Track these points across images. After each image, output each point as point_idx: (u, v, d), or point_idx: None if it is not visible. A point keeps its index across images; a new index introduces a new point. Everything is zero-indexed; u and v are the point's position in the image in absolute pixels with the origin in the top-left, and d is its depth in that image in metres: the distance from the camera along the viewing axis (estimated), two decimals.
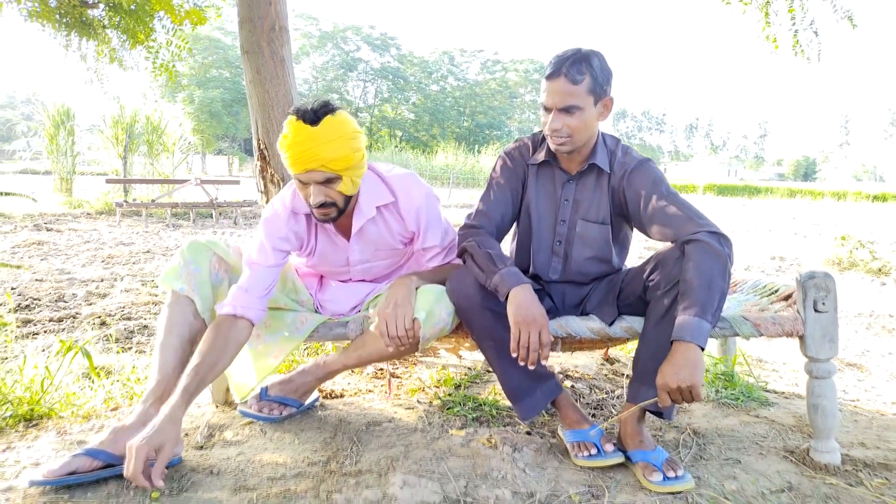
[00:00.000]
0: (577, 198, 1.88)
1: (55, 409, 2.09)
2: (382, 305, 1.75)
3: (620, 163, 1.83)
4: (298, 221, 1.86)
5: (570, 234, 1.89)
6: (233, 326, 1.68)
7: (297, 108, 1.65)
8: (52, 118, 14.18)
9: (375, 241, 1.91)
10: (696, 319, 1.49)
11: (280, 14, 3.15)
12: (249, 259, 1.79)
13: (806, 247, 8.73)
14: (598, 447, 1.72)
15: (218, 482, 1.54)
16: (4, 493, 1.44)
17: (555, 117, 1.71)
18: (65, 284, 5.56)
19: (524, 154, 1.93)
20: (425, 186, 1.90)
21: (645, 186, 1.76)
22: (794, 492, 1.58)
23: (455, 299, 1.76)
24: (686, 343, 1.48)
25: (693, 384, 1.44)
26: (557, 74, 1.68)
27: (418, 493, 1.50)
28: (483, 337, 1.75)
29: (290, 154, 1.64)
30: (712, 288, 1.53)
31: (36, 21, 3.65)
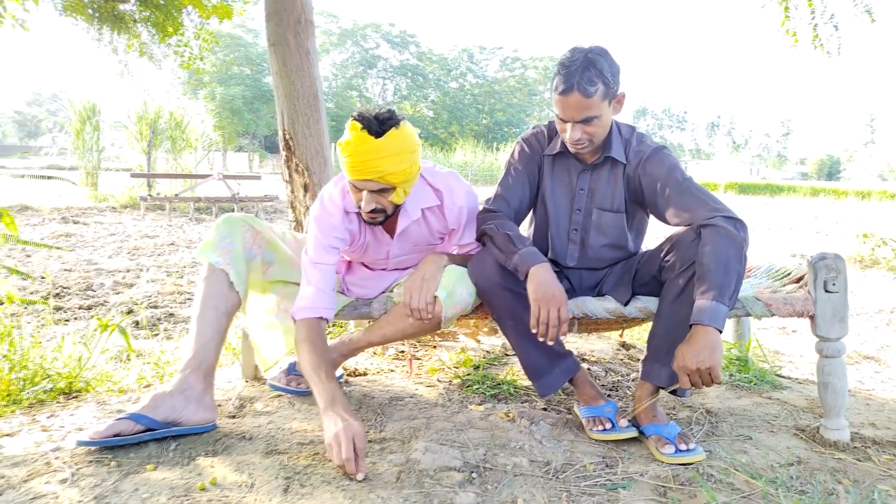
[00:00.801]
0: (593, 187, 1.93)
1: (92, 385, 2.20)
2: (410, 278, 1.82)
3: (636, 151, 1.87)
4: (351, 220, 1.91)
5: (585, 222, 1.95)
6: (320, 326, 1.78)
7: (361, 116, 1.67)
8: (79, 114, 14.45)
9: (416, 238, 1.97)
10: (714, 303, 1.53)
11: (306, 7, 3.24)
12: (313, 258, 1.83)
13: (827, 244, 8.67)
14: (613, 422, 1.78)
15: (250, 446, 1.63)
16: (54, 453, 1.54)
17: (573, 129, 1.74)
18: (92, 274, 5.72)
19: (541, 142, 1.98)
20: (466, 185, 1.95)
21: (660, 173, 1.80)
22: (803, 465, 1.63)
23: (475, 279, 1.82)
24: (705, 326, 1.52)
25: (712, 366, 1.49)
26: (570, 90, 1.68)
27: (440, 458, 1.57)
28: (503, 316, 1.82)
29: (350, 161, 1.67)
30: (729, 271, 1.57)
31: (70, 15, 3.78)
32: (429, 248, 2.05)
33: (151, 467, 1.48)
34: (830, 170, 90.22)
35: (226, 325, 1.84)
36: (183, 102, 15.81)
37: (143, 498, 1.33)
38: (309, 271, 1.83)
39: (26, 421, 1.80)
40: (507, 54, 61.92)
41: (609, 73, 1.71)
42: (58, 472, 1.44)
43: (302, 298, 1.80)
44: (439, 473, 1.50)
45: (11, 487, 1.37)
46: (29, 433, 1.70)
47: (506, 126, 55.69)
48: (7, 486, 1.37)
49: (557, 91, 1.72)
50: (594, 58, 1.70)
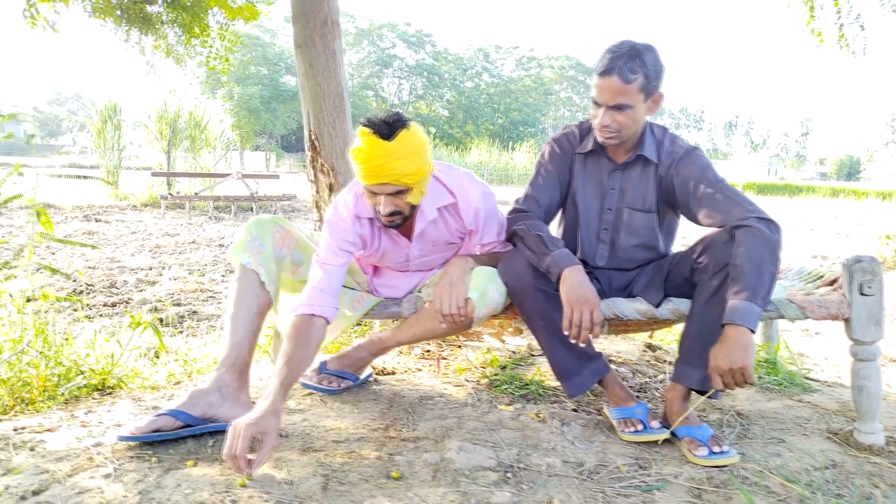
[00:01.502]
0: (624, 187, 1.92)
1: (124, 381, 2.23)
2: (438, 283, 1.83)
3: (668, 152, 1.87)
4: (363, 225, 1.91)
5: (616, 222, 1.94)
6: (311, 325, 1.75)
7: (370, 121, 1.67)
8: (101, 113, 14.62)
9: (434, 239, 1.97)
10: (747, 303, 1.53)
11: (332, 9, 3.26)
12: (320, 259, 1.85)
13: (849, 246, 8.59)
14: (645, 423, 1.78)
15: (287, 443, 1.65)
16: (95, 448, 1.57)
17: (605, 113, 1.75)
18: (116, 272, 5.80)
19: (572, 142, 1.98)
20: (482, 185, 1.94)
21: (693, 174, 1.80)
22: (838, 469, 1.62)
23: (506, 280, 1.83)
24: (737, 326, 1.52)
25: (745, 366, 1.49)
26: (610, 72, 1.69)
27: (474, 457, 1.58)
28: (533, 316, 1.82)
29: (364, 167, 1.67)
30: (762, 272, 1.57)
31: (99, 17, 3.84)
32: (449, 248, 2.05)
33: (191, 463, 1.50)
34: (850, 170, 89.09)
35: (259, 324, 1.86)
36: (201, 102, 15.91)
37: (185, 493, 1.36)
38: (314, 271, 1.85)
39: (65, 416, 1.84)
40: (522, 54, 61.86)
41: (652, 69, 1.72)
42: (101, 467, 1.47)
43: (302, 296, 1.81)
44: (474, 473, 1.51)
45: (57, 482, 1.40)
46: (69, 428, 1.73)
47: (521, 125, 55.59)
48: (53, 481, 1.40)
49: (598, 72, 1.73)
50: (642, 50, 1.72)
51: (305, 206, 13.29)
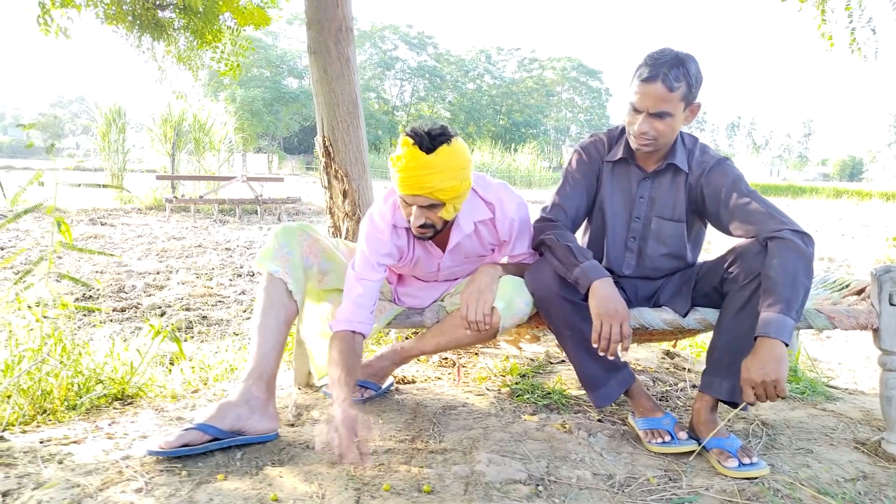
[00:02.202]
0: (653, 195, 1.91)
1: (143, 390, 2.23)
2: (465, 290, 1.82)
3: (699, 161, 1.86)
4: (400, 236, 1.91)
5: (644, 231, 1.93)
6: (353, 342, 1.79)
7: (414, 132, 1.68)
8: (105, 116, 14.63)
9: (467, 251, 1.97)
10: (781, 316, 1.52)
11: (346, 16, 3.26)
12: (358, 274, 1.85)
13: (855, 248, 8.57)
14: (672, 434, 1.77)
15: (315, 456, 1.64)
16: (124, 461, 1.56)
17: (644, 120, 1.74)
18: (123, 276, 5.80)
19: (600, 150, 1.97)
20: (517, 197, 1.94)
21: (724, 184, 1.79)
22: (869, 480, 1.61)
23: (533, 289, 1.82)
24: (771, 339, 1.52)
25: (778, 379, 1.48)
26: (654, 79, 1.68)
27: (504, 470, 1.57)
28: (560, 326, 1.81)
29: (401, 177, 1.68)
30: (796, 285, 1.56)
31: (111, 23, 3.84)
32: (479, 259, 2.05)
33: (222, 477, 1.50)
34: (853, 171, 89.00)
35: (285, 335, 1.85)
36: (204, 104, 15.94)
37: None
38: (352, 286, 1.85)
39: (89, 428, 1.83)
40: (524, 55, 61.87)
41: (694, 78, 1.72)
42: (131, 480, 1.46)
43: (341, 311, 1.83)
44: (506, 486, 1.50)
45: (88, 496, 1.39)
46: (94, 440, 1.72)
47: (523, 127, 55.60)
48: (84, 495, 1.39)
49: (640, 77, 1.71)
50: (685, 58, 1.71)
51: (310, 209, 13.30)
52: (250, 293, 5.15)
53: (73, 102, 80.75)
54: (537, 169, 31.82)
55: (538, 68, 61.65)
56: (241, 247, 7.84)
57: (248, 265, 6.46)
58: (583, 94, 63.23)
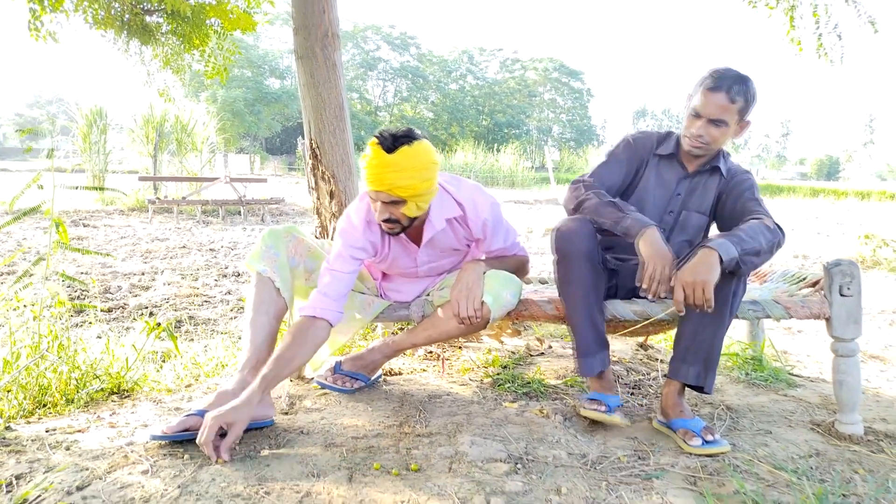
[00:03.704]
0: (689, 193, 2.09)
1: (139, 384, 2.32)
2: (455, 287, 1.94)
3: (730, 170, 2.09)
4: (374, 231, 2.02)
5: (674, 224, 2.10)
6: (311, 326, 1.87)
7: (381, 132, 1.81)
8: (86, 117, 14.55)
9: (442, 246, 2.09)
10: (725, 240, 1.72)
11: (332, 21, 3.36)
12: (329, 266, 1.96)
13: (829, 246, 8.80)
14: (609, 407, 1.89)
15: (309, 440, 1.75)
16: (128, 446, 1.66)
17: (703, 125, 1.92)
18: (109, 277, 5.83)
19: (650, 142, 2.13)
20: (490, 197, 2.05)
21: (743, 191, 2.02)
22: (821, 457, 1.75)
23: (560, 244, 1.92)
24: (708, 248, 1.69)
25: (707, 281, 1.65)
26: (720, 89, 1.86)
27: (486, 450, 1.70)
28: (575, 285, 1.90)
29: (367, 173, 1.82)
30: (754, 237, 1.75)
31: (100, 28, 3.90)
32: (456, 253, 2.17)
33: (221, 461, 1.60)
34: (830, 170, 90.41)
35: (276, 328, 1.96)
36: (185, 105, 15.89)
37: (221, 486, 1.45)
38: (323, 276, 1.96)
39: (91, 418, 1.93)
40: (507, 56, 62.15)
41: (752, 96, 1.90)
42: (137, 464, 1.56)
43: (309, 300, 1.94)
44: (487, 464, 1.62)
45: (98, 478, 1.49)
46: (98, 429, 1.82)
47: (506, 127, 55.85)
48: (94, 477, 1.49)
49: (706, 86, 1.89)
50: (747, 78, 1.90)
51: (294, 210, 13.34)
52: (236, 293, 5.22)
53: (51, 103, 79.73)
54: (520, 169, 31.97)
55: (520, 69, 61.97)
56: (226, 247, 7.89)
57: (233, 265, 6.51)
58: (565, 94, 63.65)
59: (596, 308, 1.93)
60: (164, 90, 5.16)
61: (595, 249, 1.89)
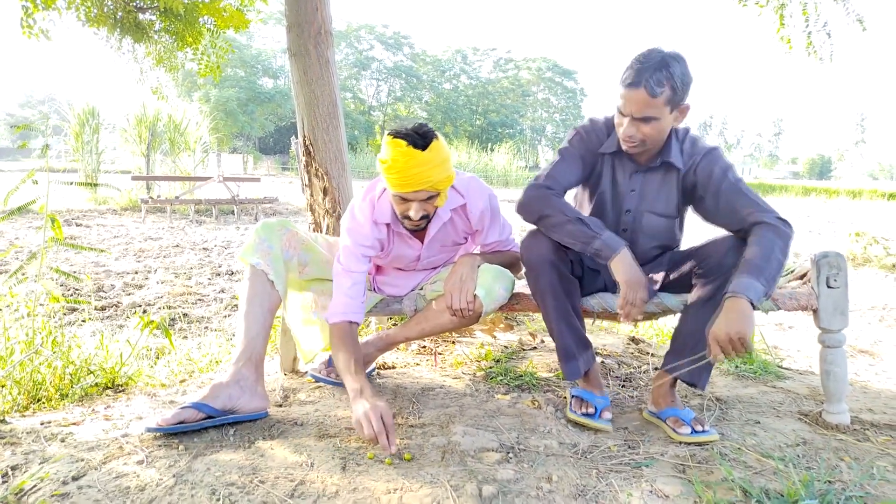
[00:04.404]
0: (644, 189, 1.97)
1: (133, 379, 2.33)
2: (448, 280, 1.96)
3: (689, 154, 1.92)
4: (380, 230, 2.03)
5: (635, 224, 2.01)
6: (350, 329, 1.91)
7: (403, 133, 1.76)
8: (78, 117, 14.49)
9: (443, 240, 2.10)
10: (750, 279, 1.63)
11: (325, 19, 3.37)
12: (346, 267, 1.96)
13: (821, 243, 8.86)
14: (597, 410, 1.91)
15: (303, 431, 1.77)
16: (123, 438, 1.68)
17: (630, 124, 1.79)
18: (102, 276, 5.82)
19: (600, 137, 1.98)
20: (488, 188, 2.07)
21: (714, 173, 1.86)
22: (808, 445, 1.78)
23: (528, 256, 1.90)
24: (738, 297, 1.61)
25: (744, 334, 1.57)
26: (637, 85, 1.71)
27: (478, 440, 1.72)
28: (547, 295, 1.90)
29: (400, 177, 1.76)
30: (770, 259, 1.66)
31: (93, 26, 3.90)
32: (454, 248, 2.19)
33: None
34: (822, 169, 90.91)
35: (270, 321, 1.98)
36: (178, 105, 15.84)
37: (216, 476, 1.47)
38: (341, 279, 1.96)
39: (85, 412, 1.94)
40: (500, 55, 62.21)
41: (680, 80, 1.73)
42: (132, 454, 1.58)
43: (335, 305, 1.94)
44: (479, 453, 1.64)
45: (93, 468, 1.50)
46: (93, 422, 1.83)
47: (500, 127, 55.91)
48: (89, 468, 1.50)
49: (624, 83, 1.75)
50: (670, 61, 1.72)
51: (287, 209, 13.33)
52: (230, 291, 5.22)
53: (42, 102, 79.32)
54: (514, 168, 32.07)
55: (514, 69, 62.05)
56: (219, 246, 7.88)
57: (227, 264, 6.51)
58: (558, 94, 63.77)
59: (571, 311, 1.92)
60: (157, 88, 5.16)
61: (562, 257, 1.87)
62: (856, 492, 1.46)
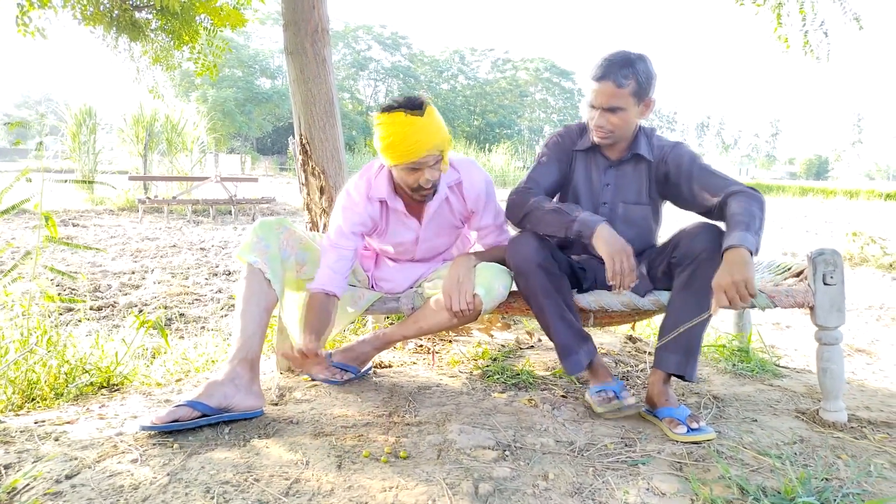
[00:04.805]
0: (618, 183, 2.09)
1: (129, 378, 2.32)
2: (447, 282, 1.95)
3: (658, 147, 2.07)
4: (374, 206, 2.07)
5: (612, 216, 2.09)
6: (327, 301, 1.97)
7: (395, 106, 1.82)
8: (75, 117, 14.46)
9: (440, 221, 2.13)
10: (742, 232, 1.69)
11: (322, 17, 3.36)
12: (332, 242, 2.03)
13: (818, 243, 8.86)
14: (617, 394, 1.93)
15: (299, 429, 1.76)
16: (118, 437, 1.67)
17: (600, 115, 1.93)
18: (99, 276, 5.81)
19: (573, 138, 2.14)
20: (484, 172, 2.13)
21: (684, 160, 2.00)
22: (805, 443, 1.78)
23: (514, 261, 1.94)
24: (735, 248, 1.67)
25: (747, 278, 1.61)
26: (605, 77, 1.87)
27: (474, 438, 1.71)
28: (539, 295, 1.92)
29: (406, 146, 1.81)
30: (752, 215, 1.75)
31: (89, 24, 3.89)
32: (451, 233, 2.21)
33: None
34: (819, 169, 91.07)
35: (266, 320, 1.97)
36: (176, 105, 15.83)
37: (210, 474, 1.46)
38: (327, 253, 2.03)
39: (80, 411, 1.93)
40: (498, 56, 62.23)
41: (644, 76, 1.90)
42: (126, 453, 1.57)
43: (318, 276, 2.01)
44: (475, 451, 1.64)
45: (87, 467, 1.49)
46: (87, 420, 1.82)
47: (497, 127, 55.91)
48: (83, 466, 1.49)
49: (594, 77, 1.90)
50: (634, 59, 1.89)
51: (284, 209, 13.31)
52: (227, 291, 5.21)
53: (39, 103, 79.18)
54: (512, 169, 32.02)
55: (511, 69, 62.06)
56: (216, 246, 7.87)
57: (224, 264, 6.50)
58: (556, 94, 63.80)
59: (565, 307, 1.94)
60: (153, 88, 5.14)
61: (548, 257, 1.92)
62: (853, 489, 1.45)
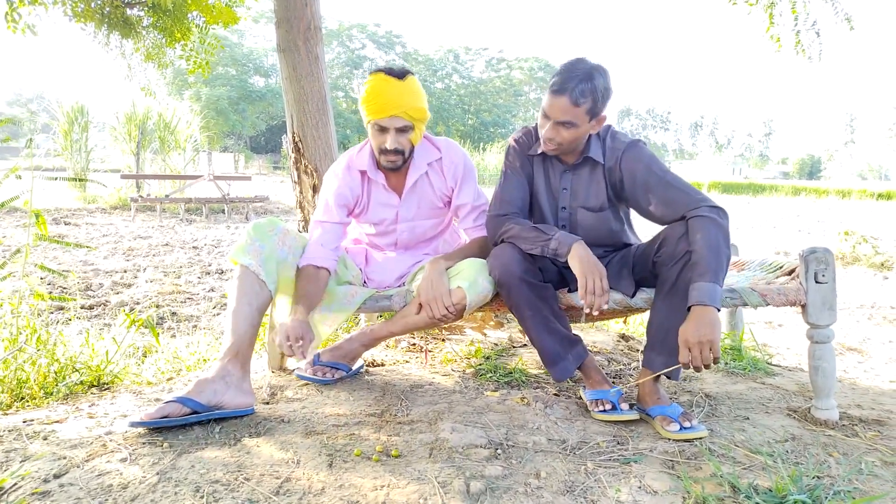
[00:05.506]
0: (575, 187, 2.06)
1: (119, 377, 2.30)
2: (422, 291, 1.96)
3: (611, 149, 2.00)
4: (353, 177, 2.16)
5: (572, 220, 2.08)
6: (317, 274, 2.03)
7: (382, 68, 1.96)
8: (67, 115, 14.38)
9: (420, 198, 2.19)
10: (710, 285, 1.69)
11: (315, 14, 3.35)
12: (318, 218, 2.11)
13: (810, 242, 8.90)
14: (615, 404, 1.92)
15: (290, 428, 1.75)
16: (107, 436, 1.65)
17: (551, 127, 1.90)
18: (90, 275, 5.77)
19: (531, 142, 2.11)
20: (465, 152, 2.22)
21: (639, 169, 1.94)
22: (797, 441, 1.78)
23: (496, 274, 1.94)
24: (704, 306, 1.68)
25: (712, 340, 1.64)
26: (562, 93, 1.82)
27: (466, 437, 1.70)
28: (522, 306, 1.93)
29: (377, 102, 1.93)
30: (720, 255, 1.73)
31: (80, 21, 3.86)
32: (435, 212, 2.25)
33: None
34: (811, 169, 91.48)
35: (258, 320, 1.96)
36: (169, 103, 15.76)
37: (200, 473, 1.45)
38: (313, 230, 2.12)
39: (70, 409, 1.91)
40: (492, 55, 62.20)
41: (601, 94, 1.85)
42: (115, 452, 1.56)
43: (306, 251, 2.08)
44: (467, 450, 1.63)
45: (75, 466, 1.48)
46: (76, 420, 1.81)
47: (492, 126, 55.92)
48: (72, 466, 1.48)
49: (552, 90, 1.86)
50: (595, 73, 1.84)
51: (278, 208, 13.27)
52: (219, 290, 5.18)
53: (31, 101, 78.73)
54: None
55: (506, 68, 62.07)
56: (209, 245, 7.84)
57: (217, 263, 6.47)
58: None
59: (551, 316, 1.94)
60: (145, 86, 5.11)
61: (529, 268, 1.92)
62: (844, 486, 1.46)
